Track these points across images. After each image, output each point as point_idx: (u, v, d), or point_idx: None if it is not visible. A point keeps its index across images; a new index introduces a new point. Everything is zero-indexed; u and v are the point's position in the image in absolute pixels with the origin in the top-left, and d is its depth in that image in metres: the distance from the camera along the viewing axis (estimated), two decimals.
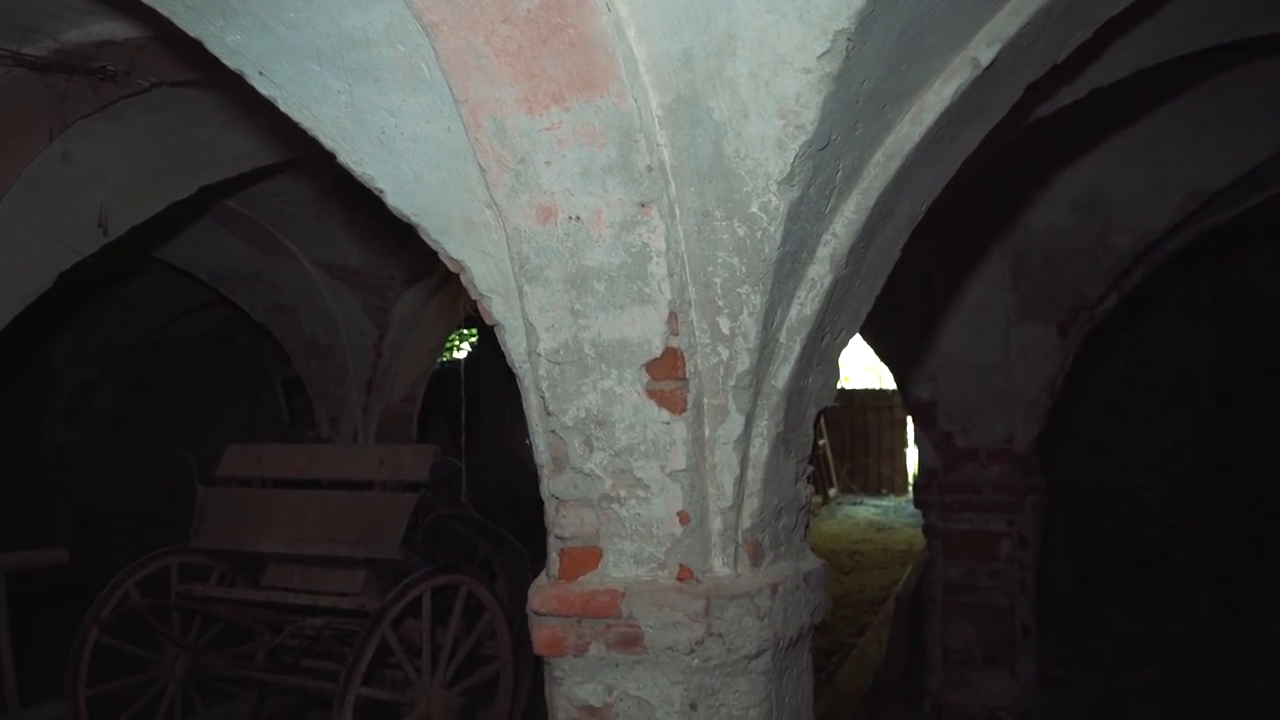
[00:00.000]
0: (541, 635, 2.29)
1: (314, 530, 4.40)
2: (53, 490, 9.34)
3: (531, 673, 4.77)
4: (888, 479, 14.00)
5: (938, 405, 5.53)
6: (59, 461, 9.37)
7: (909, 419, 13.72)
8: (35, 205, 4.36)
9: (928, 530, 5.70)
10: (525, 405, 2.43)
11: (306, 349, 7.16)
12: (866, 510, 12.83)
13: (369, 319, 6.86)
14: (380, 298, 6.75)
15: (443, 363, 10.48)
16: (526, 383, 2.37)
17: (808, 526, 2.56)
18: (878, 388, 14.35)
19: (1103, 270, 5.04)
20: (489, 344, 10.42)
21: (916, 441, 6.00)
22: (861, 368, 15.75)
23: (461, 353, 12.69)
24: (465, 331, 11.33)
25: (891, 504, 13.23)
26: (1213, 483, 8.19)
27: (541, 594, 2.29)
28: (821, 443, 13.30)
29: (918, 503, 5.86)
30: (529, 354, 2.33)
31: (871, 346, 5.64)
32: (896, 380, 6.16)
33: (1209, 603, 7.16)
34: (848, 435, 13.95)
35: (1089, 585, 7.59)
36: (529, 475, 2.44)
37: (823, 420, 13.51)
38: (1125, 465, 8.39)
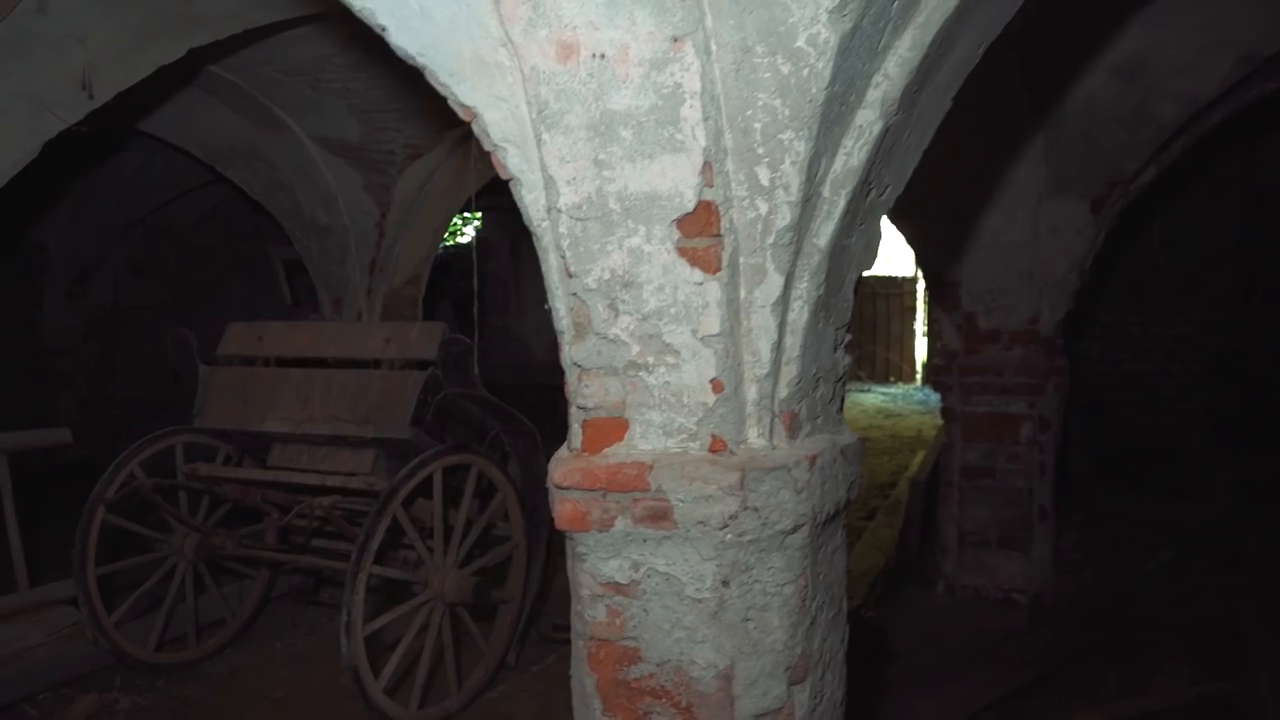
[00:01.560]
0: (564, 510, 2.16)
1: (320, 409, 4.27)
2: (54, 376, 9.25)
3: (544, 553, 4.72)
4: (896, 366, 13.89)
5: (961, 285, 5.35)
6: (59, 347, 9.25)
7: (919, 306, 13.60)
8: (13, 66, 4.11)
9: (945, 413, 5.59)
10: (544, 267, 2.25)
11: (306, 229, 6.95)
12: (875, 397, 12.77)
13: (370, 197, 6.63)
14: (381, 174, 6.50)
15: (444, 247, 10.26)
16: (545, 242, 2.18)
17: (843, 399, 2.41)
18: (887, 275, 14.12)
19: (1141, 142, 4.79)
20: (492, 228, 10.20)
21: (936, 323, 5.85)
22: None
23: (465, 237, 12.44)
24: (468, 215, 11.06)
25: (900, 391, 13.16)
26: (1232, 369, 8.06)
27: (563, 467, 2.16)
28: None
29: (936, 385, 5.73)
30: (548, 210, 2.14)
31: (895, 224, 5.42)
32: (920, 260, 5.96)
33: (1226, 489, 7.11)
34: (856, 322, 13.72)
35: (1104, 470, 7.53)
36: (534, 362, 2.28)
37: None
38: (1144, 351, 8.26)
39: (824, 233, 2.07)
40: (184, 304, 10.08)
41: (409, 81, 5.83)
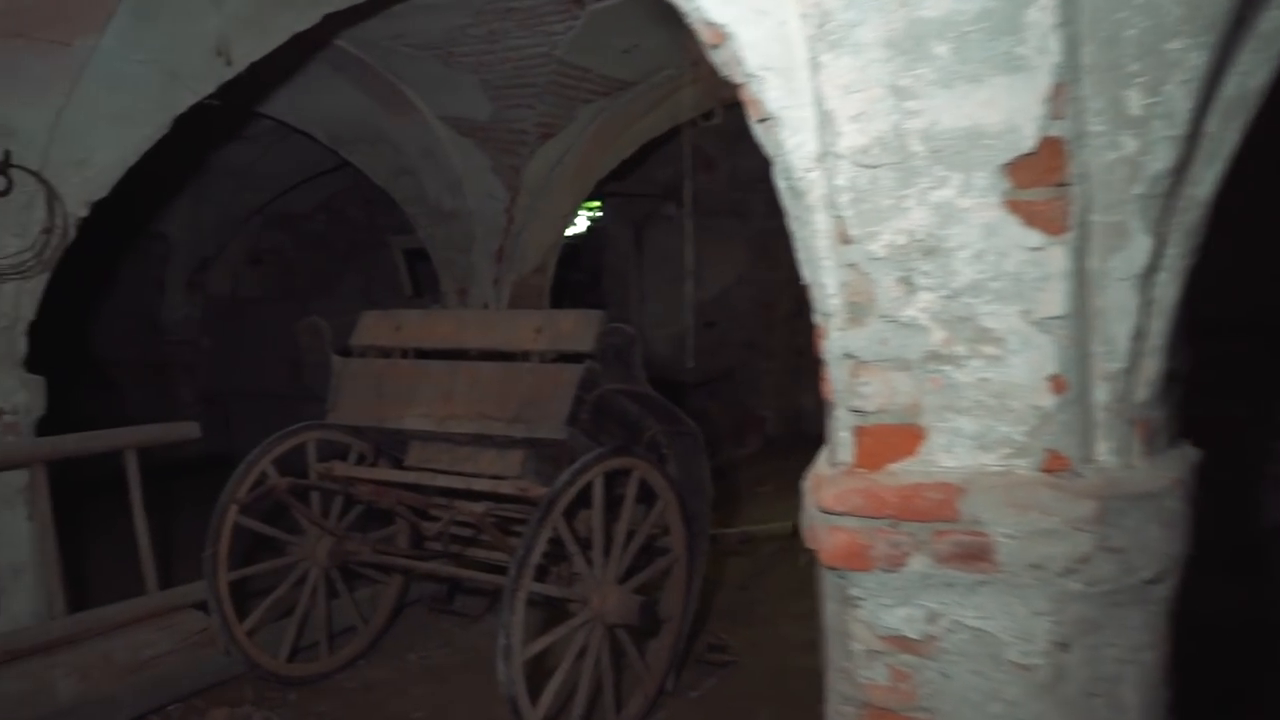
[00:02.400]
0: (836, 541, 1.69)
1: (464, 406, 3.90)
2: (175, 367, 9.18)
3: (704, 568, 4.27)
4: None
5: None
6: (179, 338, 9.18)
7: None
8: (145, 33, 3.82)
9: None
10: (802, 233, 1.78)
11: (431, 215, 6.64)
12: None
13: (499, 180, 6.27)
14: (511, 156, 6.14)
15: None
16: (810, 199, 1.71)
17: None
18: None
19: None
20: (612, 216, 9.80)
21: None
22: None
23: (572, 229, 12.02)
24: (587, 204, 10.67)
25: None
26: None
27: (834, 487, 1.68)
28: None
29: None
30: (820, 157, 1.66)
31: None
32: None
33: None
34: None
35: None
36: (657, 358, 1.81)
37: None
38: None
39: (1205, 180, 1.55)
40: (300, 295, 9.94)
41: (545, 53, 5.47)
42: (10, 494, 4.12)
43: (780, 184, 1.81)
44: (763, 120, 1.73)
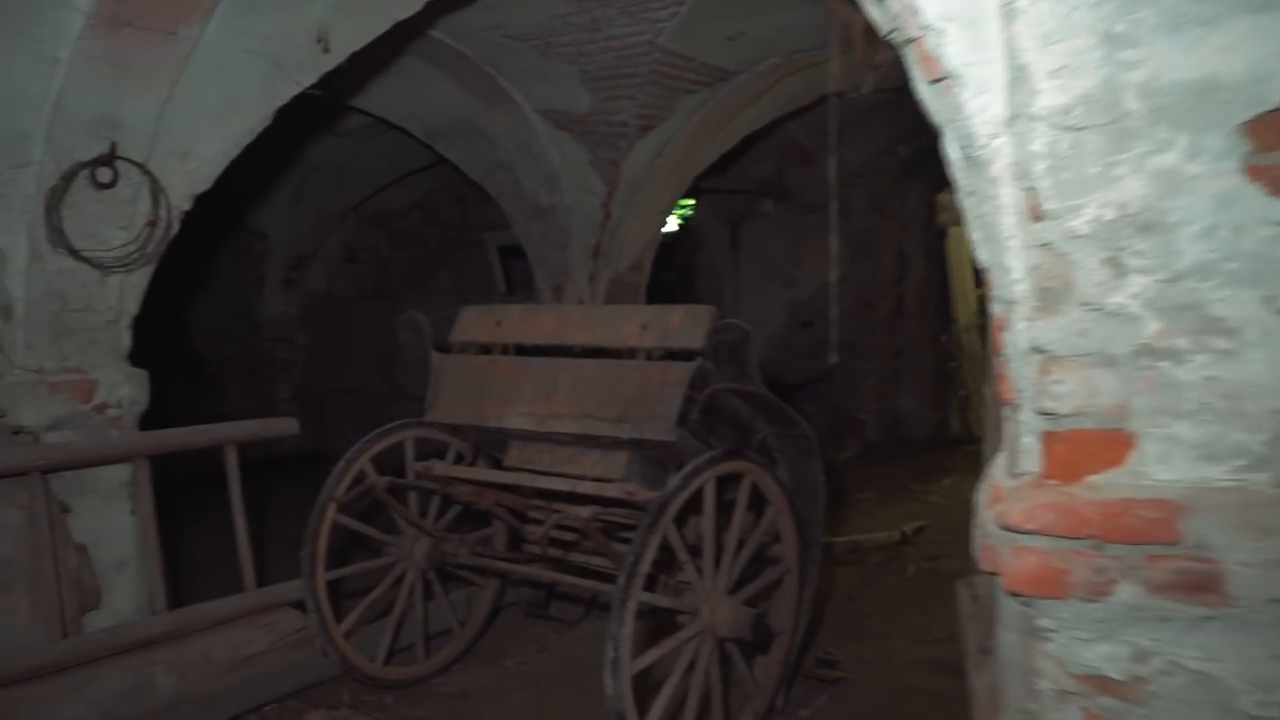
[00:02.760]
0: (1022, 564, 1.46)
1: (567, 405, 3.74)
2: (272, 363, 9.28)
3: (817, 579, 4.04)
4: None
5: None
6: (277, 335, 9.27)
7: None
8: (248, 21, 3.75)
9: None
10: (981, 210, 1.56)
11: (527, 211, 6.53)
12: None
13: (597, 174, 6.12)
14: (610, 149, 5.98)
15: None
16: (994, 169, 1.48)
17: None
18: None
19: None
20: (706, 214, 9.60)
21: None
22: None
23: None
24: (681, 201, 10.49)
25: None
26: None
27: (1020, 501, 1.45)
28: None
29: None
30: (1010, 120, 1.44)
31: None
32: None
33: None
34: None
35: None
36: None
37: None
38: None
39: None
40: (394, 293, 9.98)
41: (648, 41, 5.30)
42: (114, 488, 4.11)
43: (953, 154, 1.59)
44: (937, 81, 1.52)
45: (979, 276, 8.08)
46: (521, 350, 4.05)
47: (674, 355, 3.64)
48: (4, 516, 3.74)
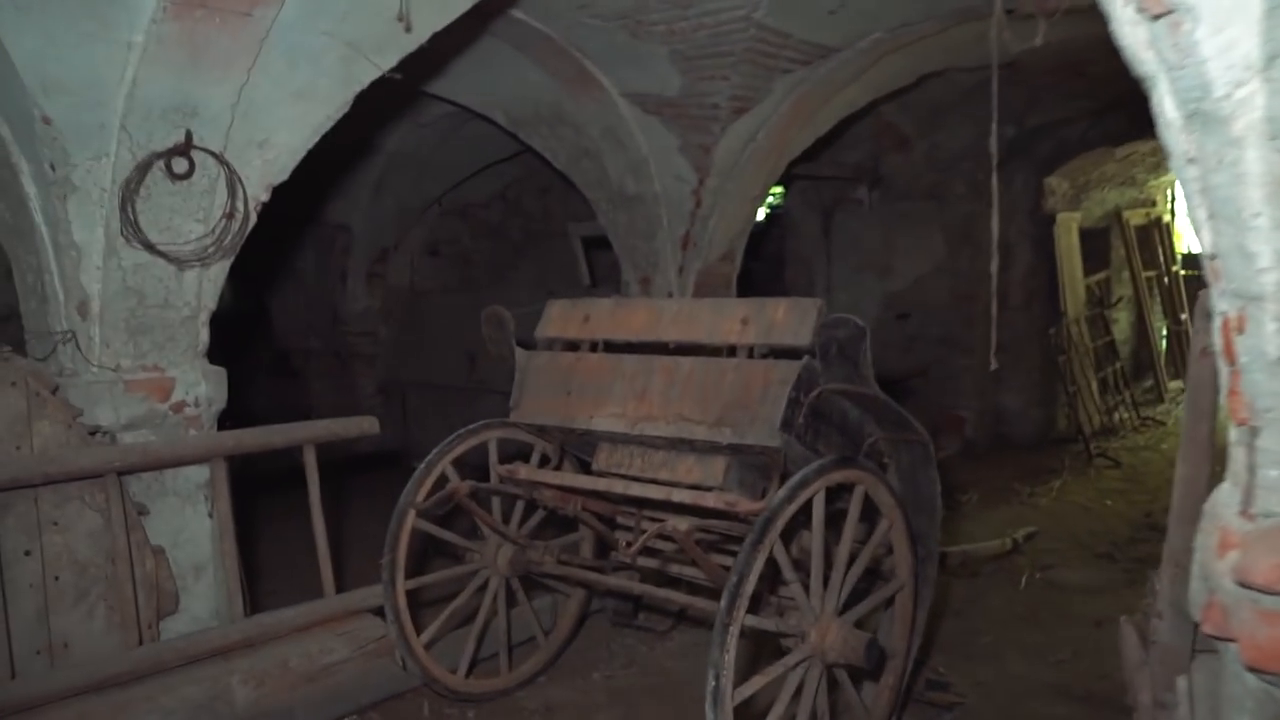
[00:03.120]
0: (1270, 635, 1.14)
1: (660, 407, 3.47)
2: (355, 358, 9.22)
3: (931, 597, 3.71)
4: None
5: None
6: (360, 329, 9.21)
7: None
8: (325, 3, 3.56)
9: None
10: (1216, 180, 1.22)
11: (613, 200, 6.27)
12: None
13: (687, 160, 5.84)
14: (701, 134, 5.69)
15: None
16: (1236, 127, 1.16)
17: None
18: None
19: None
20: (797, 201, 9.24)
21: None
22: None
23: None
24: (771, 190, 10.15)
25: None
26: None
27: (1271, 552, 1.13)
28: (1183, 317, 11.21)
29: None
30: (1267, 63, 1.11)
31: None
32: None
33: None
34: None
35: None
36: None
37: (1182, 291, 11.35)
38: None
39: None
40: (476, 286, 9.86)
41: (743, 17, 4.99)
42: (191, 490, 3.98)
43: (1170, 112, 1.27)
44: (1160, 16, 1.19)
45: (1089, 265, 7.55)
46: (611, 347, 3.80)
47: (778, 353, 3.34)
48: (80, 519, 3.63)
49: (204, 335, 4.05)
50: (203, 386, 4.02)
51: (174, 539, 3.95)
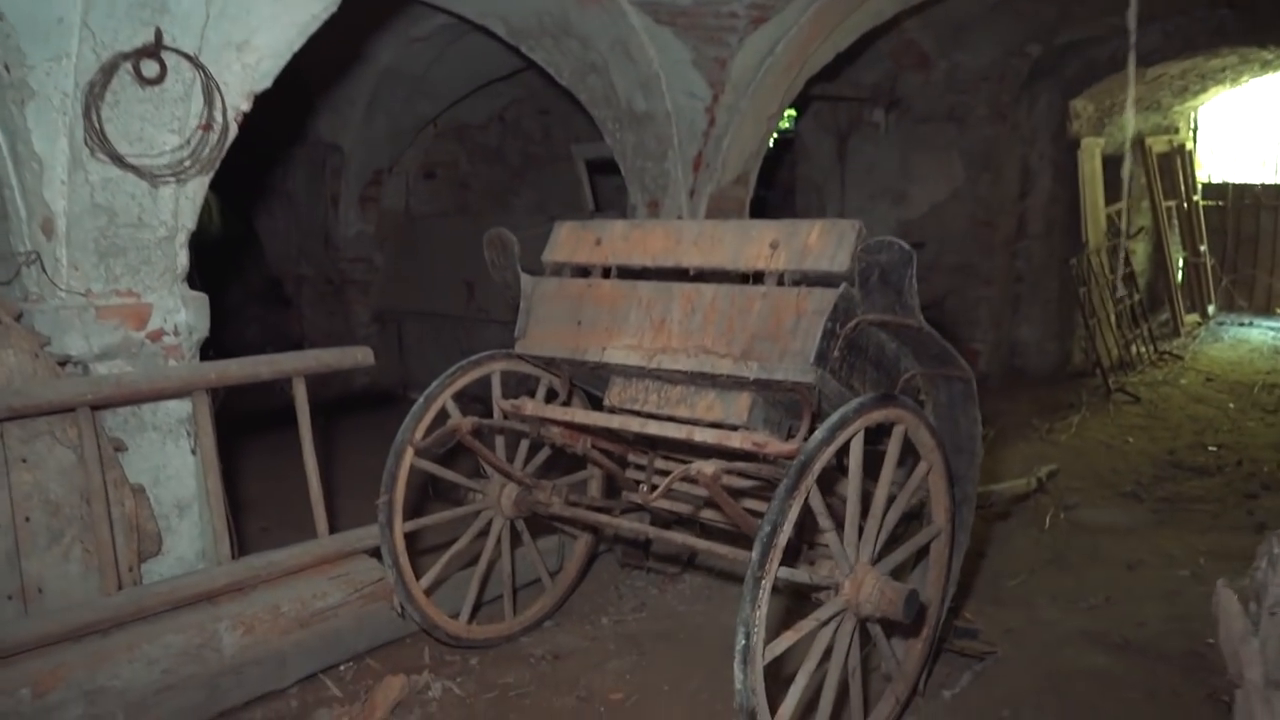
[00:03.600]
0: None
1: (679, 338, 3.18)
2: (349, 285, 8.90)
3: (967, 543, 3.47)
4: None
5: None
6: (354, 255, 8.86)
7: None
8: None
9: None
10: None
11: (620, 118, 5.90)
12: (1260, 333, 10.46)
13: (700, 75, 5.46)
14: (717, 46, 5.31)
15: None
16: None
17: None
18: (1275, 182, 11.55)
19: None
20: (809, 124, 8.86)
21: None
22: (1254, 160, 12.81)
23: None
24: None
25: None
26: None
27: None
28: (1202, 249, 10.89)
29: None
30: None
31: None
32: None
33: None
34: (1231, 241, 11.36)
35: None
36: None
37: (1201, 222, 11.01)
38: None
39: None
40: (474, 211, 9.49)
41: None
42: (172, 424, 3.71)
43: None
44: None
45: (1108, 194, 7.20)
46: (626, 273, 3.49)
47: (811, 280, 3.04)
48: (51, 456, 3.36)
49: (183, 258, 3.73)
50: (182, 314, 3.72)
51: (155, 477, 3.69)
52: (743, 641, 2.47)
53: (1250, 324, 10.80)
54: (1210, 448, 6.59)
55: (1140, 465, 6.26)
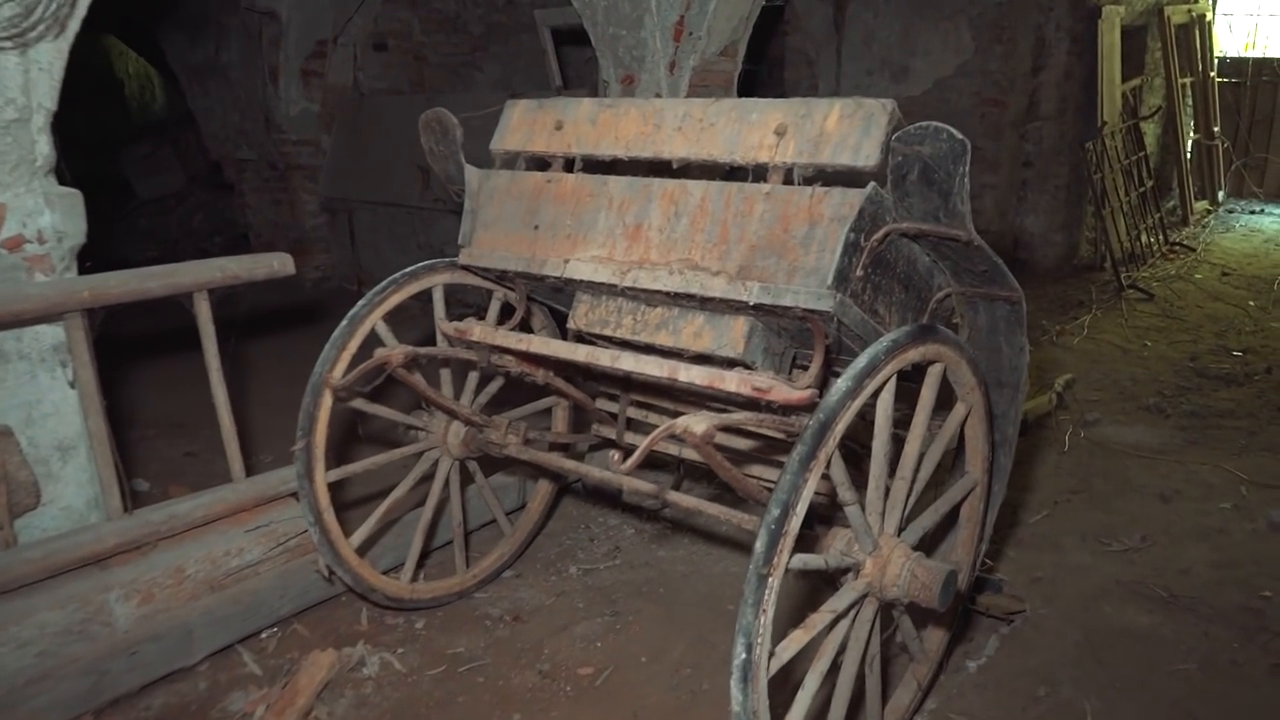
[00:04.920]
0: None
1: (660, 248, 2.54)
2: (294, 170, 8.08)
3: (1004, 494, 2.91)
4: None
5: None
6: (298, 137, 8.02)
7: None
8: None
9: None
10: None
11: None
12: (1273, 221, 9.86)
13: None
14: None
15: None
16: None
17: None
18: None
19: None
20: None
21: None
22: (1277, 33, 11.95)
23: None
24: None
25: None
26: None
27: None
28: (1215, 130, 10.17)
29: None
30: None
31: None
32: None
33: None
34: (1245, 122, 10.64)
35: None
36: None
37: (1216, 101, 10.26)
38: None
39: None
40: (430, 87, 8.62)
41: None
42: (43, 352, 3.04)
43: None
44: None
45: (1124, 69, 6.40)
46: (593, 165, 2.82)
47: (828, 177, 2.38)
48: None
49: (44, 146, 2.99)
50: (47, 216, 3.01)
51: (26, 415, 3.04)
52: (742, 655, 1.91)
53: (1262, 211, 10.18)
54: (1235, 352, 6.05)
55: (1161, 373, 5.73)
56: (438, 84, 8.68)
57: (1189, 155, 10.14)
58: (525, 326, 3.21)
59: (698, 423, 2.11)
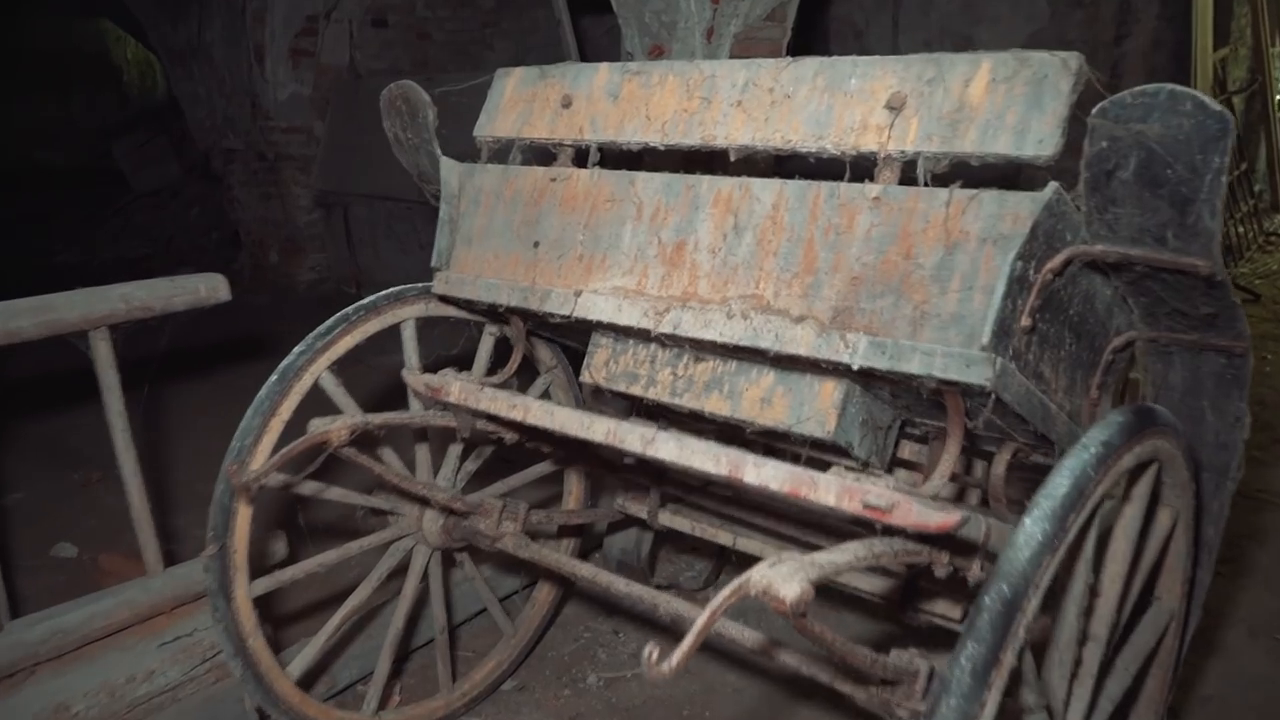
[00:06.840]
0: None
1: (712, 278, 1.73)
2: (284, 160, 7.31)
3: (1200, 614, 2.08)
4: None
5: None
6: (288, 124, 7.25)
7: None
8: None
9: None
10: None
11: None
12: None
13: None
14: None
15: None
16: None
17: None
18: None
19: None
20: None
21: None
22: None
23: None
24: None
25: None
26: None
27: None
28: None
29: None
30: None
31: None
32: None
33: None
34: None
35: None
36: None
37: None
38: None
39: None
40: (435, 67, 7.82)
41: None
42: None
43: None
44: None
45: (1220, 34, 5.41)
46: (614, 157, 2.01)
47: (975, 175, 1.56)
48: None
49: None
50: None
51: None
52: None
53: None
54: None
55: None
56: (444, 64, 7.88)
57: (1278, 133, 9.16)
58: (527, 366, 2.40)
59: (784, 578, 1.30)
